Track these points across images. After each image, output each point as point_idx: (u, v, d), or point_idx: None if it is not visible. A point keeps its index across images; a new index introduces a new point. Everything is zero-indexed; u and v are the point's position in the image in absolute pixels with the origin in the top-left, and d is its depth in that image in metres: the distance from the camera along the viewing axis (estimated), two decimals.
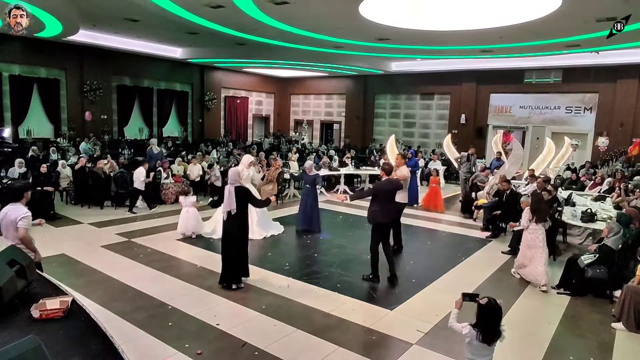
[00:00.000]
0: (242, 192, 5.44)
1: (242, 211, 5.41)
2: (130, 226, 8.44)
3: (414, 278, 6.31)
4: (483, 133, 17.91)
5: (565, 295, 5.84)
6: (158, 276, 5.97)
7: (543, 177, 9.70)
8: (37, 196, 8.02)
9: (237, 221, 5.41)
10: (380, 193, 5.89)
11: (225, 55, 16.02)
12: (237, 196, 5.36)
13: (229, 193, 5.39)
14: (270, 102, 23.37)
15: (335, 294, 5.55)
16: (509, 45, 12.28)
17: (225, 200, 5.40)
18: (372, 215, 5.88)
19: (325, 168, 12.99)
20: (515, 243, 7.55)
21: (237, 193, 5.38)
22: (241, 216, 5.43)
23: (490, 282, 6.29)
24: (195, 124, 19.34)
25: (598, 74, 15.18)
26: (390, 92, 20.36)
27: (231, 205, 5.35)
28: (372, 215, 5.89)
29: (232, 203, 5.34)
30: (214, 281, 5.80)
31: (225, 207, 5.41)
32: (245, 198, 5.45)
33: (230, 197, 5.37)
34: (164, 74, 17.64)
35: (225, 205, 5.42)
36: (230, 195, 5.37)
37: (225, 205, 5.42)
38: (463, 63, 16.61)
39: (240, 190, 5.43)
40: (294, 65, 17.57)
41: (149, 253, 6.87)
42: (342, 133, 21.98)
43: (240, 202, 5.37)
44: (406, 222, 8.85)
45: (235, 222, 5.41)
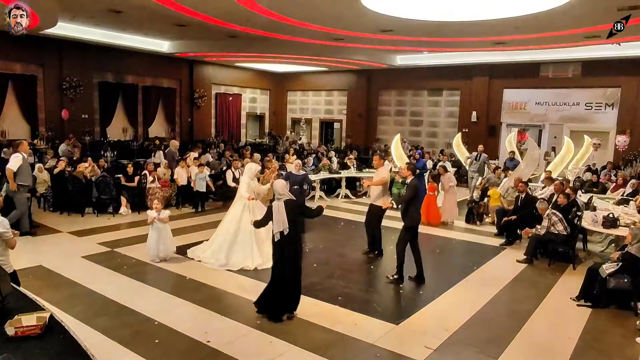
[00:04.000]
0: (294, 206, 5.19)
1: (295, 228, 5.12)
2: (113, 235, 8.45)
3: (421, 290, 6.31)
4: (496, 132, 17.94)
5: (585, 307, 5.85)
6: (144, 289, 5.97)
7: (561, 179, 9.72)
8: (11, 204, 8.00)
9: (291, 240, 5.11)
10: (419, 193, 6.52)
11: (216, 48, 16.05)
12: (289, 212, 5.08)
13: (278, 210, 5.08)
14: (265, 99, 23.40)
15: (335, 308, 5.56)
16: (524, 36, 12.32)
17: (275, 219, 5.08)
18: (412, 217, 6.44)
19: (325, 171, 13.01)
20: (532, 251, 7.58)
21: (289, 208, 5.11)
22: (296, 234, 5.14)
23: (505, 293, 6.30)
24: (184, 123, 19.35)
25: (620, 67, 15.23)
26: (395, 88, 20.40)
27: (283, 223, 5.03)
28: (411, 216, 6.43)
29: (284, 220, 5.03)
30: (204, 294, 5.81)
31: (276, 227, 5.07)
32: (297, 211, 5.23)
33: (280, 214, 5.05)
34: (150, 69, 17.67)
35: (275, 224, 5.08)
36: (280, 212, 5.06)
37: (275, 224, 5.08)
38: (474, 56, 16.65)
39: (291, 203, 5.17)
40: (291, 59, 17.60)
41: (133, 264, 6.87)
42: (343, 132, 22.00)
43: (292, 216, 5.10)
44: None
45: (288, 243, 5.09)
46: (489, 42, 13.63)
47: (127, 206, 10.20)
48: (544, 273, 7.19)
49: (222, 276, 6.50)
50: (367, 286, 6.41)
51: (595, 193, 10.98)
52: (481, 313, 5.59)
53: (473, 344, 4.81)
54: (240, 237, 6.91)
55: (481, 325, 5.29)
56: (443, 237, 9.26)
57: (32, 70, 14.76)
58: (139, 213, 10.05)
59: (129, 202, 10.26)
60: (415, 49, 15.68)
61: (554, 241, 7.48)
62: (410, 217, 6.50)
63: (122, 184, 10.31)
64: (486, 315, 5.54)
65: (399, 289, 6.30)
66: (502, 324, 5.35)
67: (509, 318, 5.51)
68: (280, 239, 5.07)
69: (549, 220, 7.49)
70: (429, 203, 10.12)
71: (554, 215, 7.51)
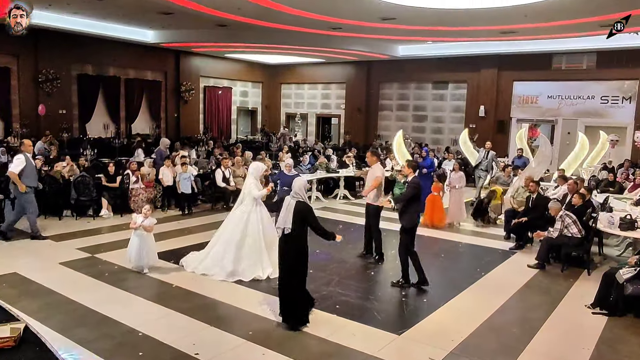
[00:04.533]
0: (302, 210, 5.15)
1: (299, 233, 5.13)
2: (94, 239, 8.43)
3: (425, 297, 6.32)
4: (505, 127, 18.00)
5: (601, 316, 5.87)
6: (127, 298, 5.96)
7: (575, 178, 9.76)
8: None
9: (293, 243, 5.14)
10: (420, 192, 6.62)
11: (204, 38, 16.04)
12: (296, 214, 5.10)
13: (287, 206, 5.17)
14: (257, 92, 23.39)
15: (333, 317, 5.56)
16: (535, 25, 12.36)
17: (282, 214, 5.19)
18: (411, 217, 6.51)
19: (322, 170, 13.02)
20: (544, 255, 7.60)
21: (297, 210, 5.12)
22: (299, 238, 5.14)
23: (516, 301, 6.32)
24: (170, 119, 19.33)
25: (638, 58, 15.28)
26: (397, 81, 20.43)
27: (286, 222, 5.11)
28: (410, 217, 6.49)
29: (288, 220, 5.09)
30: (192, 303, 5.80)
31: (279, 222, 5.19)
32: (304, 219, 5.15)
33: (288, 212, 5.13)
34: (133, 61, 17.64)
35: (280, 220, 5.19)
36: (289, 209, 5.14)
37: (280, 220, 5.19)
38: (482, 46, 16.70)
39: (301, 207, 5.16)
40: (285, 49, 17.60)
41: (115, 271, 6.86)
42: (341, 128, 22.01)
43: (297, 221, 5.11)
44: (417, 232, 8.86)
45: (291, 243, 5.14)
46: (497, 31, 13.68)
47: (108, 208, 10.18)
48: (557, 279, 7.21)
49: (212, 284, 6.49)
50: (367, 293, 6.41)
51: (612, 193, 11.03)
52: (489, 322, 5.61)
53: (481, 355, 4.82)
54: (249, 242, 6.71)
55: (489, 334, 5.31)
56: (448, 240, 9.28)
57: (5, 62, 14.71)
58: (121, 216, 10.03)
59: (111, 204, 10.23)
60: (419, 38, 15.72)
61: (567, 245, 7.51)
62: (410, 218, 6.57)
63: (103, 185, 10.28)
64: (495, 324, 5.55)
65: (401, 297, 6.31)
66: (512, 333, 5.37)
67: (519, 327, 5.52)
68: (282, 237, 5.19)
69: (562, 222, 7.52)
70: (433, 204, 10.14)
71: (568, 216, 7.53)
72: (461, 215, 10.49)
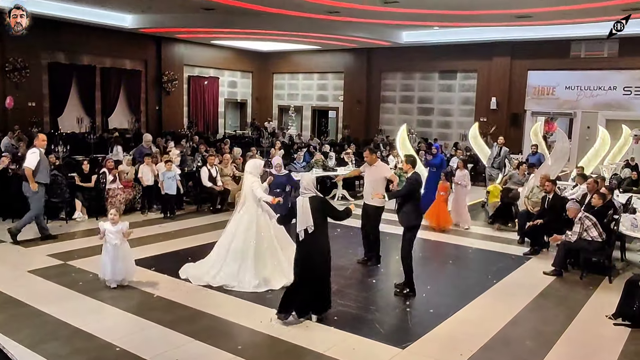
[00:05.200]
0: (319, 204, 5.62)
1: (322, 227, 5.60)
2: (66, 245, 8.39)
3: (431, 307, 6.32)
4: (519, 121, 18.04)
5: (623, 327, 5.88)
6: (102, 309, 5.94)
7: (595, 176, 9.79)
8: None
9: (317, 240, 5.55)
10: (419, 189, 6.82)
11: (189, 23, 16.01)
12: (314, 211, 5.52)
13: (302, 207, 5.55)
14: (247, 83, 23.36)
15: (331, 329, 5.55)
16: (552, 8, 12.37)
17: (298, 216, 5.56)
18: (409, 217, 6.62)
19: (318, 168, 13.02)
20: (561, 261, 7.62)
21: (314, 207, 5.54)
22: (322, 233, 5.61)
23: (531, 311, 6.33)
24: (151, 112, 19.29)
25: None
26: (400, 70, 20.43)
27: (306, 221, 5.49)
28: (408, 216, 6.62)
29: (308, 219, 5.49)
30: (175, 315, 5.79)
31: (300, 224, 5.54)
32: (324, 210, 5.66)
33: (305, 211, 5.52)
34: (110, 48, 17.58)
35: (299, 223, 5.55)
36: (305, 209, 5.53)
37: (299, 223, 5.55)
38: (493, 32, 16.72)
39: (317, 202, 5.61)
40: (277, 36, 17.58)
41: (90, 280, 6.82)
42: (339, 122, 22.01)
43: (318, 216, 5.54)
44: (422, 236, 8.89)
45: (314, 241, 5.53)
46: (510, 16, 13.69)
47: (82, 211, 10.14)
48: (575, 287, 7.22)
49: (196, 293, 6.48)
50: (368, 303, 6.40)
51: (635, 192, 11.06)
52: (502, 334, 5.61)
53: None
54: (267, 246, 6.75)
55: (502, 348, 5.31)
56: (457, 245, 9.29)
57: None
58: (96, 219, 9.97)
59: (85, 206, 10.19)
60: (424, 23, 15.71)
61: (586, 249, 7.52)
62: (407, 217, 6.64)
63: (76, 185, 10.23)
64: (508, 337, 5.56)
65: (405, 307, 6.31)
66: (526, 347, 5.37)
67: (534, 340, 5.53)
68: (305, 237, 5.49)
69: (581, 224, 7.53)
70: (439, 205, 10.16)
71: (587, 219, 7.55)
72: (463, 217, 10.53)
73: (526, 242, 9.09)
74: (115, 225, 6.50)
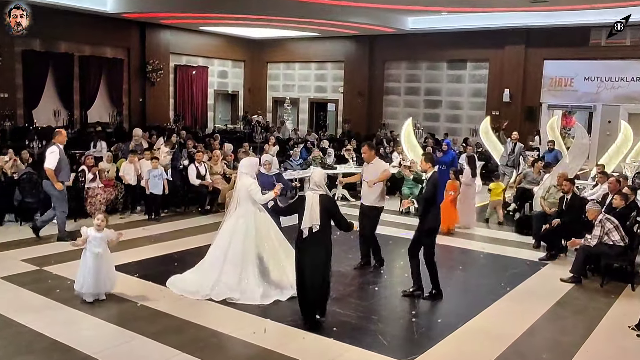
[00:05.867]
0: (328, 203, 5.89)
1: (326, 228, 5.82)
2: (42, 249, 8.38)
3: (439, 317, 6.33)
4: (534, 115, 18.05)
5: None
6: (82, 319, 5.93)
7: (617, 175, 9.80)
8: None
9: (319, 240, 5.76)
10: (440, 189, 7.07)
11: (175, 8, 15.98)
12: (323, 209, 5.75)
13: (311, 203, 5.75)
14: (238, 73, 23.32)
15: (329, 341, 5.55)
16: None
17: (306, 212, 5.74)
18: (435, 219, 6.83)
19: (316, 165, 13.02)
20: (580, 267, 7.63)
21: (323, 204, 5.77)
22: (325, 234, 5.83)
23: (547, 321, 6.34)
24: (134, 104, 19.24)
25: None
26: (405, 59, 20.43)
27: (312, 219, 5.70)
28: (434, 218, 6.80)
29: (315, 217, 5.70)
30: (161, 325, 5.79)
31: (305, 221, 5.74)
32: (330, 212, 5.88)
33: (313, 208, 5.73)
34: (89, 34, 17.51)
35: (305, 219, 5.74)
36: (314, 206, 5.74)
37: (305, 219, 5.74)
38: (506, 18, 16.71)
39: (327, 200, 5.87)
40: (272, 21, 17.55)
41: (68, 287, 6.80)
42: (339, 116, 21.99)
43: (324, 216, 5.77)
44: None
45: (317, 241, 5.75)
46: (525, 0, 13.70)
47: None
48: (596, 295, 7.23)
49: (183, 302, 6.47)
50: (370, 312, 6.41)
51: None
52: (516, 346, 5.62)
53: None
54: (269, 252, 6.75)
55: None
56: (467, 249, 9.31)
57: None
58: (75, 221, 9.97)
59: None
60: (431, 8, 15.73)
61: (607, 254, 7.54)
62: (434, 218, 6.83)
63: None
64: (522, 349, 5.57)
65: (410, 316, 6.31)
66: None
67: (551, 353, 5.54)
68: (308, 235, 5.68)
69: (602, 227, 7.54)
70: (447, 206, 10.16)
71: (608, 221, 7.56)
72: (469, 219, 10.58)
73: (542, 247, 9.10)
74: (100, 232, 6.36)
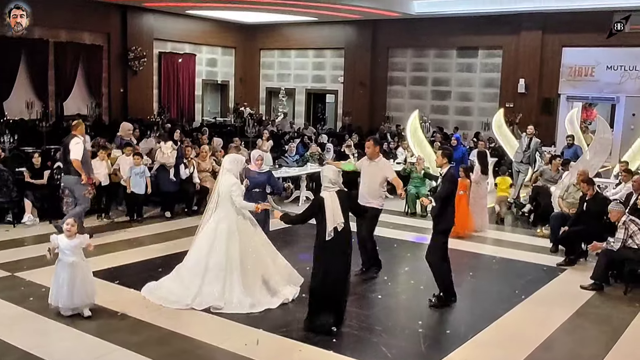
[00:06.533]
0: (347, 198, 6.13)
1: (347, 225, 6.02)
2: (14, 253, 8.37)
3: (448, 328, 6.33)
4: (552, 107, 18.04)
5: None
6: (58, 330, 5.92)
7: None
8: None
9: (342, 239, 5.96)
10: (456, 187, 7.25)
11: None
12: (343, 205, 5.96)
13: (331, 203, 5.91)
14: (229, 61, 23.28)
15: (329, 354, 5.54)
16: None
17: (329, 213, 5.88)
18: (448, 219, 6.90)
19: (314, 162, 13.00)
20: (602, 273, 7.62)
21: (342, 200, 5.99)
22: (347, 231, 6.04)
23: (566, 332, 6.34)
24: (115, 95, 19.21)
25: None
26: (411, 46, 20.41)
27: (337, 218, 5.86)
28: (447, 218, 6.89)
29: (337, 215, 5.87)
30: (143, 336, 5.78)
31: (330, 222, 5.86)
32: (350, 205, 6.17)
33: (335, 207, 5.90)
34: (66, 19, 17.47)
35: (329, 220, 5.87)
36: (335, 205, 5.91)
37: (329, 220, 5.87)
38: (522, 2, 16.72)
39: (345, 195, 6.10)
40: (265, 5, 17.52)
41: (43, 294, 6.77)
42: (339, 108, 21.97)
43: (345, 212, 5.98)
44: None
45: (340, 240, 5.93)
46: None
47: (33, 213, 10.10)
48: (619, 304, 7.23)
49: (169, 311, 6.46)
50: (373, 323, 6.41)
51: None
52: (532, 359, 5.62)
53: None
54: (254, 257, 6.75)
55: None
56: (478, 253, 9.32)
57: None
58: (49, 222, 9.94)
59: (36, 207, 10.16)
60: None
61: (632, 259, 7.52)
62: (447, 219, 6.90)
63: (26, 182, 10.21)
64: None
65: (417, 327, 6.29)
66: None
67: None
68: (333, 237, 5.85)
69: (626, 230, 7.53)
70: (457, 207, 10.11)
71: (633, 223, 7.55)
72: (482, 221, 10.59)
73: (560, 251, 9.08)
74: (72, 239, 6.15)
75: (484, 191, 10.84)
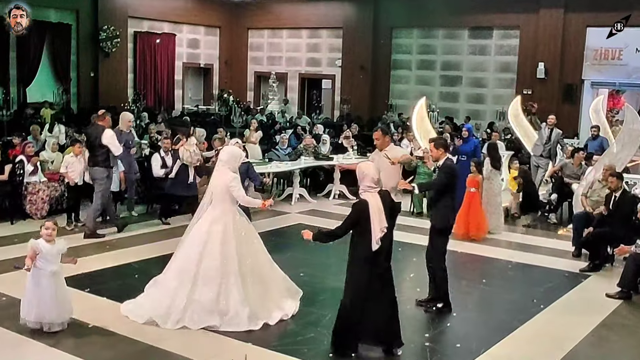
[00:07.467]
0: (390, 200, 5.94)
1: (391, 229, 5.91)
2: None
3: (458, 341, 6.34)
4: (574, 94, 18.06)
5: None
6: (21, 344, 5.91)
7: None
8: None
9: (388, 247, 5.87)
10: (455, 180, 7.07)
11: None
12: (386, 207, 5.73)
13: (376, 206, 5.66)
14: (213, 42, 23.25)
15: None
16: None
17: (373, 218, 5.62)
18: (444, 216, 6.88)
19: (308, 155, 13.00)
20: (630, 280, 7.65)
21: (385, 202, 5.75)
22: (390, 237, 5.93)
23: (590, 345, 6.36)
24: (84, 80, 19.18)
25: None
26: (417, 26, 20.42)
27: (382, 222, 5.63)
28: (443, 215, 6.88)
29: (382, 219, 5.63)
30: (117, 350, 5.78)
31: (376, 230, 5.63)
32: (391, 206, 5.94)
33: (380, 211, 5.65)
34: None
35: (375, 227, 5.62)
36: (379, 208, 5.66)
37: (375, 227, 5.62)
38: None
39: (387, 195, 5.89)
40: None
41: (4, 304, 6.80)
42: (337, 96, 21.97)
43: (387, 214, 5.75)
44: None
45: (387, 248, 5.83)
46: None
47: None
48: None
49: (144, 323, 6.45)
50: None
51: None
52: None
53: None
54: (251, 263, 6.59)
55: None
56: (492, 258, 9.33)
57: None
58: (11, 223, 9.95)
59: None
60: None
61: None
62: (442, 216, 6.84)
63: None
64: None
65: (423, 340, 6.31)
66: None
67: None
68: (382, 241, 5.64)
69: None
70: (469, 206, 10.17)
71: None
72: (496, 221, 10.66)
73: (584, 255, 9.12)
74: (52, 245, 5.98)
75: (497, 188, 10.83)
